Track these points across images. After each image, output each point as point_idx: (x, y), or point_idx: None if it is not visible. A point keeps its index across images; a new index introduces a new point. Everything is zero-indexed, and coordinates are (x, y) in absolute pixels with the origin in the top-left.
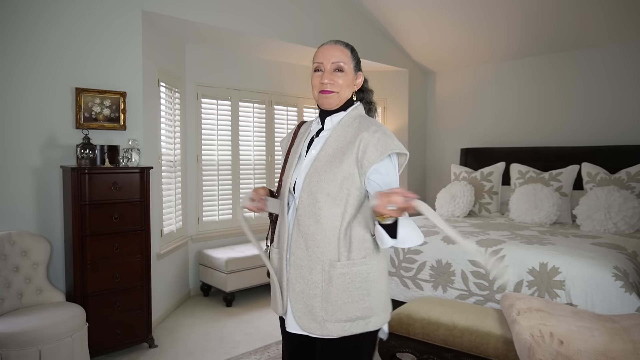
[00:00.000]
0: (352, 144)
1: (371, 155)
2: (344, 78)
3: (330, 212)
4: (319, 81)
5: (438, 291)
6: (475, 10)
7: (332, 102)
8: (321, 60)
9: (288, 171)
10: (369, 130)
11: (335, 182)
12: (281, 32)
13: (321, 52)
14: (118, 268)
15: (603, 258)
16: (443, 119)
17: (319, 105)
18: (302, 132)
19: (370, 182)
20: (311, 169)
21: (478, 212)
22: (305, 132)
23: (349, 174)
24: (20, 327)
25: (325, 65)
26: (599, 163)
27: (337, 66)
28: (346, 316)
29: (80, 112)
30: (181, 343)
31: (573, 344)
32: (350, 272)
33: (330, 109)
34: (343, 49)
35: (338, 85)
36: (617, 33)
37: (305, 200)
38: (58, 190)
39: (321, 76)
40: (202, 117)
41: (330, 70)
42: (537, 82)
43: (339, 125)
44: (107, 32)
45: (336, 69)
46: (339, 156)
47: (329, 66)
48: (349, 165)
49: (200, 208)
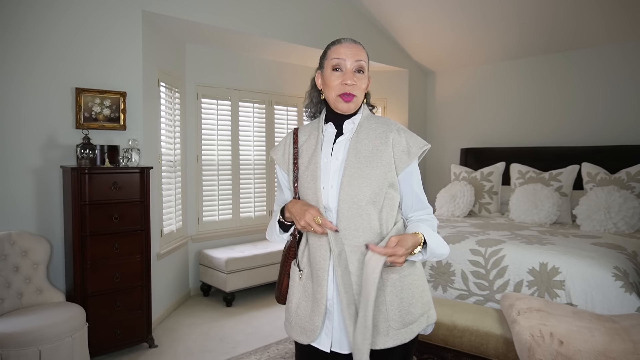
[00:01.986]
0: (385, 145)
1: (403, 157)
2: (364, 81)
3: (375, 218)
4: (341, 81)
5: (438, 291)
6: (475, 11)
7: (353, 107)
8: (344, 57)
9: (312, 183)
10: (393, 130)
11: (377, 186)
12: (281, 32)
13: (342, 49)
14: (118, 268)
15: (603, 258)
16: (443, 119)
17: (335, 109)
18: (305, 139)
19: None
20: (346, 177)
21: (478, 212)
22: (312, 138)
23: (389, 177)
24: (20, 327)
25: (347, 63)
26: (599, 163)
27: (359, 66)
28: (411, 317)
29: (80, 112)
30: (181, 343)
31: (573, 344)
32: (405, 274)
33: (348, 114)
34: (363, 49)
35: (360, 88)
36: (616, 33)
37: (347, 212)
38: (58, 190)
39: (343, 76)
40: (202, 117)
41: (352, 70)
42: (537, 82)
43: (361, 128)
44: (107, 32)
45: (358, 69)
46: (374, 160)
47: (351, 65)
48: (388, 168)
49: (200, 208)
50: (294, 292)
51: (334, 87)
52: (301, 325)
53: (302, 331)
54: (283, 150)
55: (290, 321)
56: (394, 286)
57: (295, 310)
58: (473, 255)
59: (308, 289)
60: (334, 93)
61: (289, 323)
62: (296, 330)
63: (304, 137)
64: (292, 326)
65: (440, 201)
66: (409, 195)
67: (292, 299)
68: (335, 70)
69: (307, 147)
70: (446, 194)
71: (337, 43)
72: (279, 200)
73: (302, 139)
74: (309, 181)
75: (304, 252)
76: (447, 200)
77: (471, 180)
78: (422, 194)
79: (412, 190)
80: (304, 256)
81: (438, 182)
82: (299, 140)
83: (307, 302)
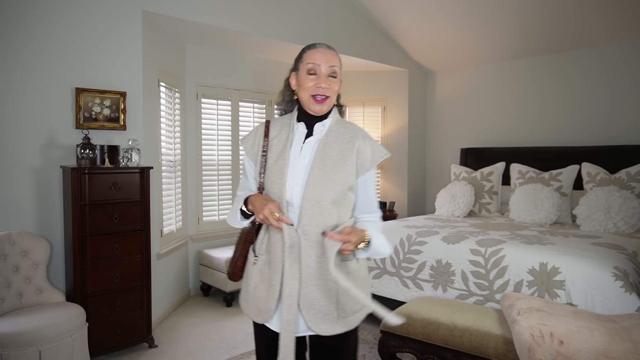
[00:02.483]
0: (350, 151)
1: (365, 163)
2: (336, 84)
3: (334, 217)
4: (315, 84)
5: (438, 291)
6: (475, 11)
7: (325, 109)
8: (318, 62)
9: (279, 178)
10: (359, 137)
11: (339, 189)
12: (281, 32)
13: (317, 54)
14: (118, 268)
15: (603, 258)
16: (443, 119)
17: (308, 110)
18: (276, 134)
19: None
20: (311, 177)
21: (478, 212)
22: (283, 134)
23: (350, 180)
24: (20, 327)
25: (321, 68)
26: (599, 163)
27: (332, 71)
28: (358, 307)
29: (80, 112)
30: (181, 343)
31: (573, 344)
32: (356, 268)
33: (320, 115)
34: (336, 55)
35: (333, 90)
36: (616, 33)
37: (309, 209)
38: (58, 190)
39: (317, 80)
40: (202, 117)
41: (326, 75)
42: (536, 82)
43: (330, 132)
44: (107, 32)
45: (331, 74)
46: (339, 164)
47: (325, 70)
48: (351, 173)
49: (200, 208)
50: (252, 275)
51: (308, 89)
52: (257, 306)
53: (258, 312)
54: (253, 141)
55: (248, 301)
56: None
57: (253, 292)
58: (473, 255)
59: (265, 274)
60: (308, 94)
61: (247, 303)
62: (253, 310)
63: (275, 132)
64: (249, 306)
65: (440, 201)
66: (364, 198)
67: (249, 282)
68: (310, 74)
69: (277, 142)
70: (446, 194)
71: (313, 48)
72: (242, 186)
73: (273, 133)
74: (276, 176)
75: (263, 239)
76: (447, 200)
77: (471, 180)
78: (375, 198)
79: (367, 194)
80: (262, 243)
81: (438, 182)
82: (269, 134)
83: (264, 285)
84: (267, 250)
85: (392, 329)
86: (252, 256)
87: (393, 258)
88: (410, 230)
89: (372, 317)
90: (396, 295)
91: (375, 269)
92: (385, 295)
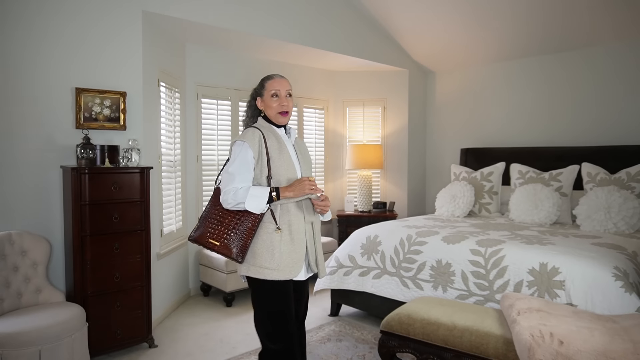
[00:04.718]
0: (306, 150)
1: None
2: (292, 102)
3: None
4: (279, 104)
5: (438, 291)
6: (475, 11)
7: (287, 120)
8: (278, 88)
9: (291, 166)
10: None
11: (310, 172)
12: (281, 32)
13: (277, 83)
14: (118, 268)
15: (603, 258)
16: (443, 119)
17: (276, 122)
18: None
19: None
20: (303, 165)
21: (478, 212)
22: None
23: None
24: (20, 327)
25: (281, 92)
26: (599, 163)
27: (288, 92)
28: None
29: (80, 112)
30: (181, 343)
31: (573, 344)
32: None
33: (284, 124)
34: (287, 81)
35: (290, 107)
36: (618, 32)
37: None
38: (58, 190)
39: (279, 100)
40: (202, 117)
41: (285, 96)
42: (537, 83)
43: (296, 139)
44: (107, 33)
45: (288, 95)
46: (307, 156)
47: (284, 93)
48: (310, 160)
49: (200, 208)
50: (276, 244)
51: (274, 108)
52: (290, 264)
53: (290, 269)
54: (254, 140)
55: (276, 267)
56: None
57: (281, 256)
58: (473, 256)
59: (293, 240)
60: (275, 112)
61: (275, 269)
62: (284, 270)
63: (268, 135)
64: (280, 270)
65: (440, 201)
66: None
67: (274, 251)
68: (273, 97)
69: (272, 143)
70: (446, 194)
71: (272, 78)
72: (242, 179)
73: (267, 136)
74: (288, 164)
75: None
76: (447, 200)
77: (471, 180)
78: None
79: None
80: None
81: (438, 182)
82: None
83: (293, 247)
84: (289, 223)
85: (392, 329)
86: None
87: (393, 258)
88: (410, 231)
89: (372, 317)
90: (396, 295)
91: (375, 269)
92: (385, 295)
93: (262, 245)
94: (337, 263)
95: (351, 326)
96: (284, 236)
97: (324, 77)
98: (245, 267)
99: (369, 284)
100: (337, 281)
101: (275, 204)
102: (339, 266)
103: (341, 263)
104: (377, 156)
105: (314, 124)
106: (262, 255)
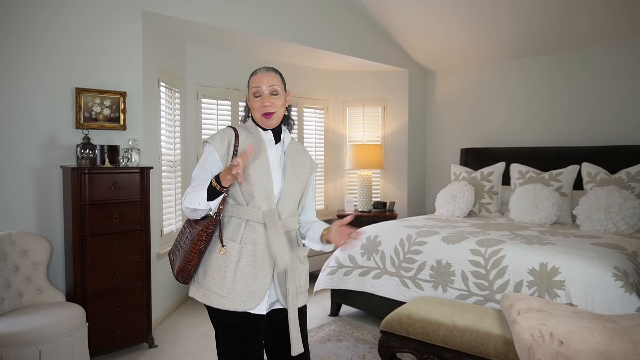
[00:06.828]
0: (305, 160)
1: (312, 171)
2: (280, 100)
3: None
4: (261, 104)
5: (438, 291)
6: (475, 11)
7: (274, 122)
8: (259, 84)
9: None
10: (305, 152)
11: (301, 186)
12: (281, 32)
13: (257, 78)
14: (118, 268)
15: (603, 258)
16: (443, 119)
17: (261, 125)
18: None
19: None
20: (287, 175)
21: (478, 212)
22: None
23: (304, 181)
24: (20, 327)
25: (263, 89)
26: (599, 163)
27: (273, 90)
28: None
29: (80, 112)
30: (181, 343)
31: (573, 344)
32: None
33: (272, 127)
34: (274, 74)
35: (277, 106)
36: (619, 33)
37: (288, 205)
38: (58, 190)
39: (262, 100)
40: (202, 117)
41: (268, 94)
42: (537, 82)
43: (290, 145)
44: (107, 32)
45: (272, 93)
46: (301, 168)
47: (267, 90)
48: (307, 176)
49: None
50: (229, 267)
51: (257, 109)
52: (244, 294)
53: (244, 300)
54: (222, 140)
55: (227, 294)
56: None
57: (233, 283)
58: (473, 256)
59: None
60: (258, 113)
61: (224, 297)
62: (237, 300)
63: (243, 136)
64: (229, 298)
65: (440, 201)
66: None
67: (226, 275)
68: (255, 97)
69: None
70: (446, 194)
71: (255, 74)
72: (200, 180)
73: (242, 137)
74: (263, 172)
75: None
76: (447, 200)
77: (471, 180)
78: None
79: (310, 194)
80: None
81: (438, 182)
82: (240, 137)
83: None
84: (254, 242)
85: (392, 329)
86: (216, 250)
87: (393, 258)
88: (410, 230)
89: (372, 317)
90: (396, 295)
91: (375, 269)
92: (385, 296)
93: (214, 265)
94: (337, 263)
95: (351, 326)
96: (243, 257)
97: (324, 77)
98: (194, 287)
99: (369, 284)
100: (337, 281)
101: (240, 219)
102: (339, 266)
103: (341, 263)
104: (377, 156)
105: (314, 124)
106: (212, 277)
